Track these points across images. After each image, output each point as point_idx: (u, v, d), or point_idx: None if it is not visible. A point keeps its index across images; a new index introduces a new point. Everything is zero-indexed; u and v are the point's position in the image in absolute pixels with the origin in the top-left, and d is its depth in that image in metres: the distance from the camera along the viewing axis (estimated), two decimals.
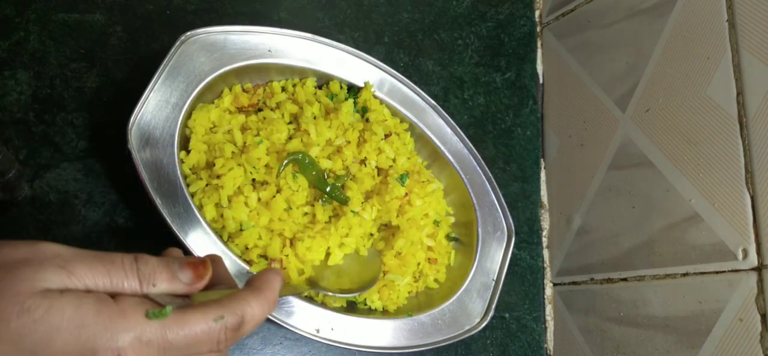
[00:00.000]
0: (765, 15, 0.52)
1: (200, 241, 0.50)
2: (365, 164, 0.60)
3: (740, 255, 0.51)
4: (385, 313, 0.59)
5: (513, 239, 0.65)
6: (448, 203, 0.66)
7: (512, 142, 0.75)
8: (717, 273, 0.53)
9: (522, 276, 0.71)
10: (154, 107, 0.51)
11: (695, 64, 0.58)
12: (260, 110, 0.59)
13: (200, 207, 0.51)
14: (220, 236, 0.52)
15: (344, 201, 0.57)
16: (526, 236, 0.72)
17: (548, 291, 0.72)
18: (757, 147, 0.51)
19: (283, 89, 0.60)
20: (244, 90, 0.59)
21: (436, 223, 0.63)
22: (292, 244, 0.53)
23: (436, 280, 0.62)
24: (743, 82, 0.53)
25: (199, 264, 0.33)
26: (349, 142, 0.59)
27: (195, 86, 0.54)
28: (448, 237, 0.65)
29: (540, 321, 0.70)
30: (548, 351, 0.70)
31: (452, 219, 0.66)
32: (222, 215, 0.52)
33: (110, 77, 0.57)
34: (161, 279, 0.31)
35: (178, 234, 0.49)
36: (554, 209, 0.74)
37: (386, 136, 0.61)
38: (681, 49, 0.60)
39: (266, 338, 0.57)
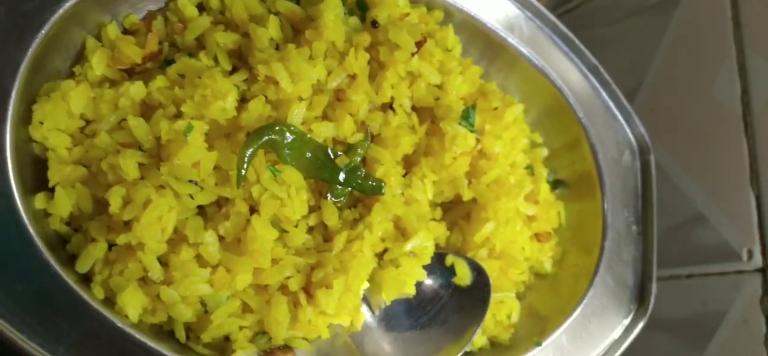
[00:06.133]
0: None
1: None
2: (392, 110, 0.36)
3: (745, 256, 0.51)
4: (494, 348, 0.38)
5: (652, 158, 0.43)
6: (527, 123, 0.41)
7: None
8: (722, 274, 0.53)
9: None
10: None
11: (700, 63, 0.57)
12: (169, 61, 0.34)
13: (110, 303, 0.29)
14: (172, 342, 0.30)
15: (375, 189, 0.34)
16: None
17: None
18: (761, 146, 0.51)
19: (201, 7, 0.34)
20: (125, 31, 0.33)
21: (530, 169, 0.41)
22: (309, 295, 0.32)
23: (552, 258, 0.42)
24: (748, 80, 0.52)
25: None
26: (352, 76, 0.35)
27: (26, 45, 0.29)
28: (548, 182, 0.43)
29: None
30: None
31: (545, 150, 0.42)
32: (158, 297, 0.29)
33: None
34: None
35: None
36: None
37: (418, 44, 0.35)
38: (685, 47, 0.59)
39: None
